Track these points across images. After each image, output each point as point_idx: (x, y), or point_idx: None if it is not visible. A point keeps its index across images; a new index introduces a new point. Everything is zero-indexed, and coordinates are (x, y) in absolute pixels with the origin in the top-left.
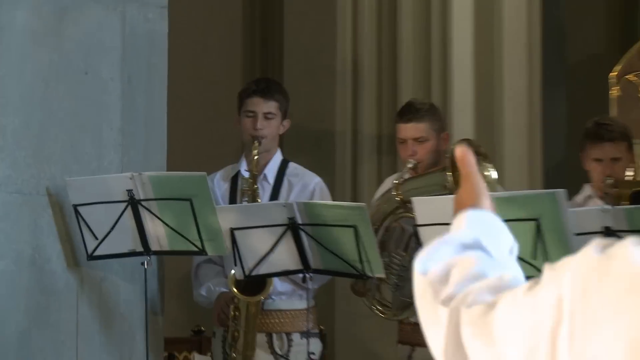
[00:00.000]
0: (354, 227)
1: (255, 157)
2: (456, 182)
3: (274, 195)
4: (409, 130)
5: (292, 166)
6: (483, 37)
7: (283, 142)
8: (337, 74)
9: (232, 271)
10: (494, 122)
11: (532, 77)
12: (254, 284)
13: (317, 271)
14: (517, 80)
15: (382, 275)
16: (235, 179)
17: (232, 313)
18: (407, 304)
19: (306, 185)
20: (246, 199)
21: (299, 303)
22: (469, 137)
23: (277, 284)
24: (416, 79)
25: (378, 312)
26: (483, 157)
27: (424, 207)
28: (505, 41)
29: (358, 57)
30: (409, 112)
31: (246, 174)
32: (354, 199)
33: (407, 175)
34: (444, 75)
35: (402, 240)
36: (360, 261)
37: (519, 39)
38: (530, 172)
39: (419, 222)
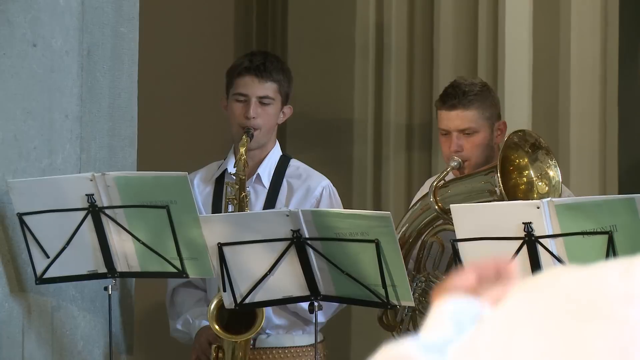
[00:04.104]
0: (376, 242)
1: (243, 157)
2: (508, 186)
3: (270, 201)
4: (454, 119)
5: (294, 165)
6: None
7: (285, 134)
8: (356, 47)
9: (214, 302)
10: (557, 108)
11: (606, 48)
12: (241, 317)
13: (328, 298)
14: (588, 52)
15: (411, 303)
16: (221, 180)
17: (213, 354)
18: None
19: (311, 189)
20: (232, 209)
21: (302, 338)
22: (525, 126)
23: (272, 315)
24: (458, 52)
25: None
26: (545, 151)
27: (465, 216)
28: (573, 0)
29: (383, 26)
30: (453, 96)
31: (233, 176)
32: (377, 206)
33: (449, 177)
34: (494, 47)
35: (442, 260)
36: (384, 285)
37: None
38: (603, 171)
39: (459, 235)
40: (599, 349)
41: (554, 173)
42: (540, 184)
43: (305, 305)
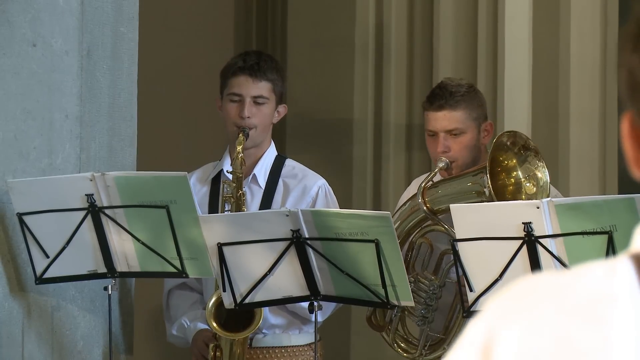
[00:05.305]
0: (376, 241)
1: (240, 155)
2: (496, 186)
3: (266, 201)
4: (441, 120)
5: (290, 165)
6: None
7: (285, 134)
8: (356, 47)
9: (212, 299)
10: (557, 107)
11: (606, 48)
12: (239, 315)
13: (328, 298)
14: (588, 52)
15: (411, 303)
16: (217, 180)
17: (211, 353)
18: (437, 340)
19: (307, 188)
20: (228, 208)
21: (299, 338)
22: (525, 126)
23: (269, 314)
24: (458, 53)
25: (401, 351)
26: (533, 153)
27: (465, 216)
28: (573, 0)
29: (383, 26)
30: (441, 97)
31: (229, 175)
32: (376, 206)
33: (437, 178)
34: (494, 47)
35: (431, 261)
36: (384, 285)
37: None
38: (603, 171)
39: (459, 235)
40: (584, 349)
41: (542, 174)
42: (528, 184)
43: (305, 304)
